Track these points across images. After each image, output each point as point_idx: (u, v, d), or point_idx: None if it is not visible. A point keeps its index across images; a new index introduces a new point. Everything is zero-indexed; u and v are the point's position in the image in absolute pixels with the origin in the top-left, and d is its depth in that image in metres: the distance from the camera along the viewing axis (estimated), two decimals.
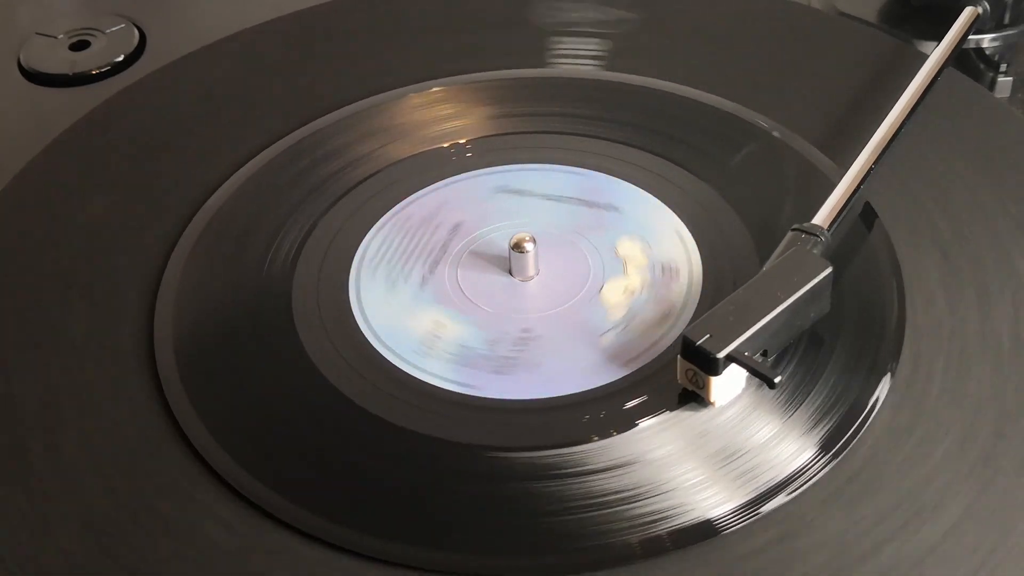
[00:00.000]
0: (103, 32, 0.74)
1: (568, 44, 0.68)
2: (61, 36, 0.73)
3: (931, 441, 0.46)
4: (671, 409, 0.47)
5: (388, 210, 0.57)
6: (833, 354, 0.49)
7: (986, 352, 0.49)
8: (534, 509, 0.45)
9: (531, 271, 0.54)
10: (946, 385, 0.48)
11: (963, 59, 0.68)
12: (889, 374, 0.48)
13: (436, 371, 0.50)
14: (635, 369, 0.49)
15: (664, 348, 0.50)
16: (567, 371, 0.50)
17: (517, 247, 0.53)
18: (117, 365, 0.51)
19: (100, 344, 0.52)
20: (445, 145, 0.61)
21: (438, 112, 0.63)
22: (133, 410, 0.49)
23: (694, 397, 0.47)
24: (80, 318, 0.53)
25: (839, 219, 0.52)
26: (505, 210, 0.57)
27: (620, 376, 0.49)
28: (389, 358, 0.50)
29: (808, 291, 0.48)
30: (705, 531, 0.44)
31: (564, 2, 0.71)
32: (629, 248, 0.55)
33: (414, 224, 0.57)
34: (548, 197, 0.58)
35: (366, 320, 0.52)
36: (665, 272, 0.53)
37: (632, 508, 0.44)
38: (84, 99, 0.67)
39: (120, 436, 0.48)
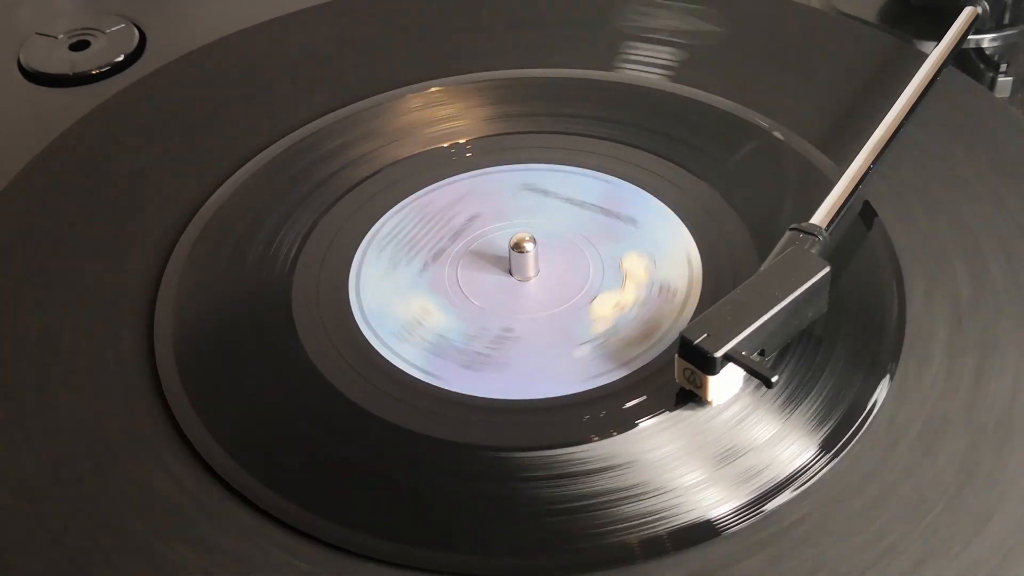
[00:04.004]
0: (103, 32, 0.74)
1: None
2: (61, 36, 0.74)
3: (931, 441, 0.46)
4: (670, 409, 0.47)
5: (388, 210, 0.58)
6: (833, 354, 0.49)
7: (986, 351, 0.49)
8: (534, 509, 0.45)
9: (530, 272, 0.54)
10: (946, 384, 0.48)
11: (963, 59, 0.68)
12: (889, 374, 0.48)
13: (408, 357, 0.50)
14: (635, 369, 0.49)
15: (658, 353, 0.50)
16: (534, 376, 0.49)
17: (517, 247, 0.53)
18: (117, 364, 0.51)
19: (100, 343, 0.52)
20: (445, 145, 0.61)
21: (438, 112, 0.63)
22: (132, 409, 0.49)
23: (693, 397, 0.47)
24: (80, 317, 0.53)
25: (837, 219, 0.52)
26: (523, 209, 0.57)
27: (619, 376, 0.49)
28: (387, 358, 0.51)
29: (806, 291, 0.48)
30: (705, 531, 0.44)
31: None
32: (634, 263, 0.54)
33: (432, 211, 0.57)
34: (569, 200, 0.58)
35: (366, 320, 0.52)
36: (661, 292, 0.53)
37: (632, 508, 0.44)
38: (84, 99, 0.67)
39: (119, 435, 0.48)
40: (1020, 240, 0.54)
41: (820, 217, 0.52)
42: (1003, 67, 0.69)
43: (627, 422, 0.47)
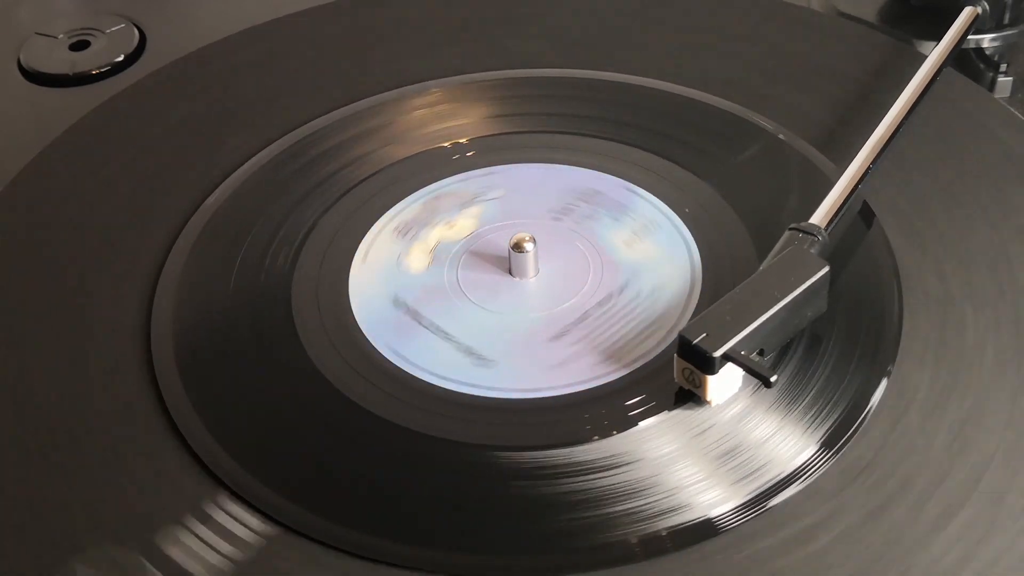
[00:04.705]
0: (103, 32, 0.74)
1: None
2: (61, 36, 0.74)
3: (931, 439, 0.46)
4: (670, 409, 0.47)
5: (387, 210, 0.58)
6: (832, 353, 0.49)
7: (984, 351, 0.49)
8: (534, 509, 0.45)
9: (530, 272, 0.54)
10: (944, 383, 0.48)
11: (963, 59, 0.68)
12: (888, 373, 0.48)
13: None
14: (635, 368, 0.49)
15: (658, 352, 0.50)
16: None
17: (517, 247, 0.53)
18: (115, 364, 0.51)
19: (98, 343, 0.52)
20: (445, 145, 0.61)
21: (438, 112, 0.63)
22: (131, 409, 0.49)
23: (693, 396, 0.47)
24: (79, 317, 0.53)
25: (836, 219, 0.52)
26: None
27: (619, 376, 0.49)
28: (387, 357, 0.51)
29: (805, 290, 0.48)
30: (705, 530, 0.44)
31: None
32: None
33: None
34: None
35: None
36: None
37: (632, 507, 0.44)
38: (84, 99, 0.67)
39: (117, 436, 0.48)
40: (1019, 240, 0.54)
41: (819, 217, 0.52)
42: (1003, 67, 0.69)
43: (627, 421, 0.47)
